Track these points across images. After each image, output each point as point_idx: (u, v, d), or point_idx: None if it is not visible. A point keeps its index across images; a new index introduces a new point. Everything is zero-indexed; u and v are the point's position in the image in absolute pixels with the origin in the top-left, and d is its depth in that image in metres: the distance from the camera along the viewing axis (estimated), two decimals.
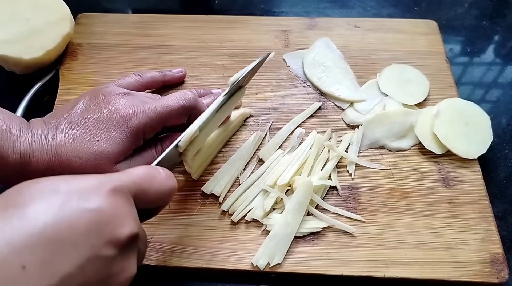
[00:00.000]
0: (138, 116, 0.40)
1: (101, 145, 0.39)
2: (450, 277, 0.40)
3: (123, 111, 0.40)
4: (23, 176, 0.38)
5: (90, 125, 0.40)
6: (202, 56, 0.56)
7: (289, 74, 0.55)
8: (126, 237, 0.29)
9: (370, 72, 0.55)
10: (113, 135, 0.40)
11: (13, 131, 0.38)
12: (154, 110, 0.41)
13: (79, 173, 0.38)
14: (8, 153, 0.37)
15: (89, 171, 0.39)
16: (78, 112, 0.41)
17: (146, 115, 0.41)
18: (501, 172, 0.49)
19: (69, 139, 0.39)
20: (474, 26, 0.64)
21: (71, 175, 0.31)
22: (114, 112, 0.40)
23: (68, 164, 0.39)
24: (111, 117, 0.40)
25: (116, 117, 0.40)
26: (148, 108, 0.41)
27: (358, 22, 0.60)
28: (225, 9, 0.66)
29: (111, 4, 0.68)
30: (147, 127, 0.41)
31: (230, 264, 0.40)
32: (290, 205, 0.42)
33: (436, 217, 0.43)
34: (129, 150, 0.41)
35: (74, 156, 0.39)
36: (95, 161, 0.39)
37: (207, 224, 0.43)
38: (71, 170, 0.39)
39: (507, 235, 0.44)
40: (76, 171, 0.39)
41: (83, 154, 0.39)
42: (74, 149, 0.39)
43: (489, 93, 0.57)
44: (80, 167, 0.39)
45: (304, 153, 0.46)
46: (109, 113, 0.40)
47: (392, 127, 0.49)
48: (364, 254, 0.41)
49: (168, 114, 0.41)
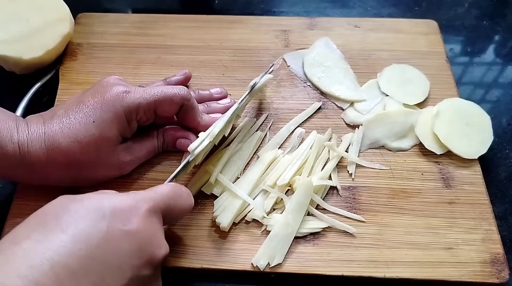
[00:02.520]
0: (132, 95, 0.40)
1: (97, 126, 0.39)
2: (451, 277, 0.40)
3: (117, 90, 0.40)
4: (24, 167, 0.38)
5: (84, 108, 0.39)
6: (202, 56, 0.56)
7: (289, 74, 0.55)
8: (161, 257, 0.32)
9: (370, 72, 0.55)
10: (108, 116, 0.39)
11: (9, 122, 0.38)
12: (149, 92, 0.41)
13: (82, 161, 0.39)
14: (6, 143, 0.37)
15: (91, 157, 0.39)
16: (73, 100, 0.41)
17: (141, 96, 0.41)
18: (502, 172, 0.49)
19: (65, 125, 0.39)
20: (474, 26, 0.64)
21: (109, 192, 0.32)
22: (108, 93, 0.40)
23: (69, 151, 0.38)
24: (105, 98, 0.40)
25: (109, 96, 0.40)
26: (143, 90, 0.41)
27: (358, 22, 0.60)
28: (225, 9, 0.66)
29: (111, 4, 0.68)
30: (141, 108, 0.41)
31: (230, 264, 0.40)
32: (290, 205, 0.42)
33: (436, 217, 0.43)
34: (126, 130, 0.41)
35: (73, 141, 0.38)
36: (95, 145, 0.39)
37: (207, 224, 0.43)
38: (74, 158, 0.39)
39: (507, 235, 0.44)
40: (78, 158, 0.39)
41: (81, 137, 0.38)
42: (71, 134, 0.38)
43: (489, 93, 0.57)
44: (82, 153, 0.39)
45: (304, 153, 0.46)
46: (103, 95, 0.40)
47: (393, 127, 0.49)
48: (365, 255, 0.41)
49: (163, 99, 0.41)
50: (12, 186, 0.47)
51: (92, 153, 0.39)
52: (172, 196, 0.35)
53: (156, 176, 0.46)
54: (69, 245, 0.27)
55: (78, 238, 0.28)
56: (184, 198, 0.36)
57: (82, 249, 0.27)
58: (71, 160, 0.39)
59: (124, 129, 0.41)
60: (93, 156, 0.39)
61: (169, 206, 0.34)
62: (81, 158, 0.39)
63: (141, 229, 0.30)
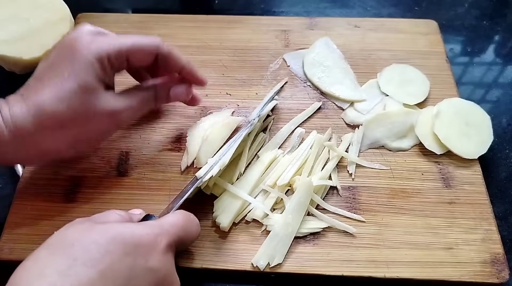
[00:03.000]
0: (100, 41, 0.38)
1: (72, 78, 0.37)
2: (451, 277, 0.40)
3: (84, 38, 0.38)
4: (15, 145, 0.37)
5: (55, 68, 0.37)
6: (202, 56, 0.56)
7: (289, 74, 0.55)
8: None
9: (370, 72, 0.55)
10: (79, 66, 0.37)
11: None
12: (119, 40, 0.39)
13: (70, 118, 0.37)
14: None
15: (78, 111, 0.37)
16: (43, 65, 0.39)
17: (109, 43, 0.38)
18: (502, 172, 0.49)
19: (40, 87, 0.37)
20: (474, 26, 0.64)
21: (123, 223, 0.34)
22: (74, 44, 0.38)
23: (54, 113, 0.37)
24: (72, 49, 0.38)
25: (77, 46, 0.37)
26: (114, 37, 0.40)
27: (358, 22, 0.60)
28: (225, 9, 0.66)
29: (111, 4, 0.68)
30: (111, 55, 0.38)
31: (230, 264, 0.40)
32: (290, 205, 0.42)
33: (436, 217, 0.43)
34: (103, 76, 0.39)
35: (55, 101, 0.36)
36: (77, 96, 0.37)
37: (207, 224, 0.43)
38: (61, 117, 0.37)
39: (507, 235, 0.44)
40: (66, 116, 0.37)
41: (61, 94, 0.36)
42: (51, 95, 0.36)
43: (489, 93, 0.57)
44: (68, 109, 0.37)
45: (304, 153, 0.46)
46: (70, 47, 0.38)
47: (393, 127, 0.49)
48: (365, 254, 0.41)
49: (132, 48, 0.40)
50: (12, 186, 0.47)
51: (78, 106, 0.37)
52: (184, 227, 0.36)
53: (156, 176, 0.46)
54: (97, 282, 0.28)
55: (105, 274, 0.28)
56: (194, 227, 0.37)
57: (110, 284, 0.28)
58: (60, 121, 0.37)
59: (100, 75, 0.38)
60: (79, 109, 0.37)
61: (181, 237, 0.35)
62: (68, 115, 0.37)
63: (160, 266, 0.31)
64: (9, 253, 0.41)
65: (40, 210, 0.43)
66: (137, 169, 0.46)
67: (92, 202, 0.44)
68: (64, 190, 0.45)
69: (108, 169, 0.46)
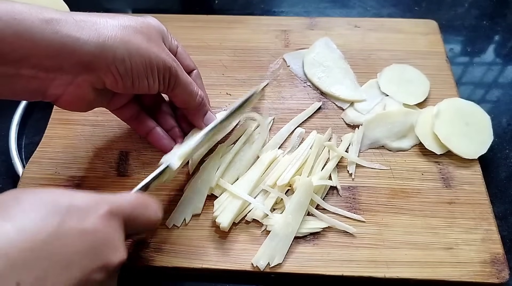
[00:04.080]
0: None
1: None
2: (451, 277, 0.40)
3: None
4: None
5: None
6: (202, 56, 0.56)
7: (289, 74, 0.55)
8: (117, 264, 0.29)
9: (370, 72, 0.55)
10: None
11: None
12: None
13: None
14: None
15: None
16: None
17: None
18: (502, 172, 0.49)
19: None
20: (474, 26, 0.64)
21: (69, 191, 0.30)
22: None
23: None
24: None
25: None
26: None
27: (358, 22, 0.60)
28: (225, 9, 0.66)
29: (111, 4, 0.68)
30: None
31: (230, 264, 0.40)
32: (290, 205, 0.42)
33: (436, 217, 0.43)
34: None
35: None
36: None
37: (207, 224, 0.43)
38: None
39: (507, 235, 0.44)
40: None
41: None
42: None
43: (489, 93, 0.57)
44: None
45: (304, 153, 0.46)
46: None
47: (393, 127, 0.49)
48: (365, 254, 0.41)
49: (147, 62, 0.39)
50: (12, 186, 0.47)
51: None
52: (138, 206, 0.33)
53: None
54: (12, 235, 0.25)
55: (24, 229, 0.26)
56: (151, 209, 0.34)
57: (27, 242, 0.25)
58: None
59: None
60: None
61: (132, 214, 0.32)
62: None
63: (97, 229, 0.28)
64: None
65: None
66: (137, 169, 0.46)
67: None
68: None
69: (108, 169, 0.46)
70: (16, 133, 0.51)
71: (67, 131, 0.49)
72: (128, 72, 0.38)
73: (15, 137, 0.50)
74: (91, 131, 0.49)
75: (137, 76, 0.39)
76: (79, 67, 0.36)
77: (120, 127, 0.49)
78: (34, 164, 0.47)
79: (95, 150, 0.48)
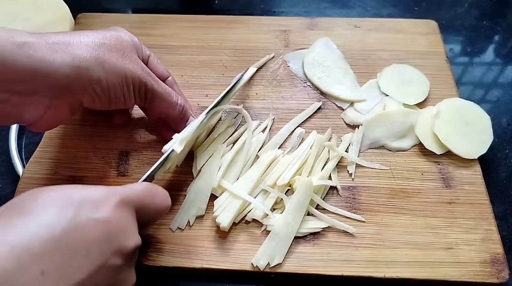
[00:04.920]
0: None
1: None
2: (451, 277, 0.40)
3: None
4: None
5: None
6: (202, 56, 0.56)
7: (289, 74, 0.55)
8: (132, 248, 0.31)
9: (370, 72, 0.55)
10: None
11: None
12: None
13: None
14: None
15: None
16: None
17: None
18: (502, 172, 0.49)
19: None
20: (474, 26, 0.64)
21: (82, 185, 0.32)
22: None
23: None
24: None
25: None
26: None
27: (358, 22, 0.60)
28: (225, 9, 0.66)
29: (111, 4, 0.68)
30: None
31: (230, 264, 0.40)
32: (290, 205, 0.42)
33: (436, 217, 0.43)
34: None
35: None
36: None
37: (207, 224, 0.43)
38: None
39: (507, 235, 0.44)
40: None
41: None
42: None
43: (489, 93, 0.57)
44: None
45: (304, 153, 0.46)
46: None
47: (393, 127, 0.49)
48: (365, 254, 0.41)
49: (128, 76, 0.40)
50: (12, 186, 0.47)
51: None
52: (147, 194, 0.34)
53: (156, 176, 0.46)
54: (32, 229, 0.27)
55: (42, 222, 0.27)
56: (160, 197, 0.36)
57: (46, 234, 0.27)
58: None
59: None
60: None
61: (143, 203, 0.34)
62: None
63: (111, 218, 0.30)
64: None
65: None
66: (137, 169, 0.46)
67: None
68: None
69: (108, 169, 0.46)
70: (16, 133, 0.51)
71: (67, 131, 0.49)
72: (105, 92, 0.39)
73: (15, 137, 0.50)
74: (91, 131, 0.49)
75: (114, 94, 0.39)
76: (55, 90, 0.36)
77: (120, 127, 0.49)
78: (34, 164, 0.47)
79: (95, 150, 0.48)
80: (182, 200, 0.44)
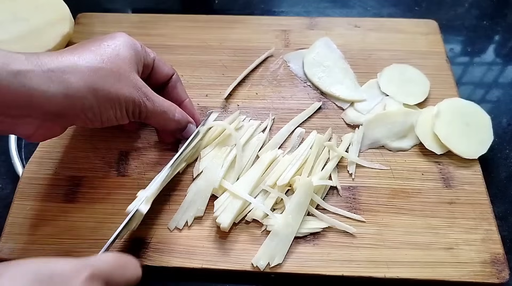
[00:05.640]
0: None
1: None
2: (451, 277, 0.40)
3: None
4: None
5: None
6: (202, 56, 0.56)
7: (289, 74, 0.55)
8: None
9: (370, 72, 0.55)
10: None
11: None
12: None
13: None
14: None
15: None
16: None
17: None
18: (502, 172, 0.49)
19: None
20: (474, 26, 0.64)
21: (50, 258, 0.31)
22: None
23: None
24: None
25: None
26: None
27: (358, 22, 0.60)
28: (225, 9, 0.66)
29: (111, 4, 0.68)
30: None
31: (230, 264, 0.40)
32: (291, 205, 0.42)
33: (436, 217, 0.43)
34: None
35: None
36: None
37: (207, 224, 0.43)
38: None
39: (507, 235, 0.44)
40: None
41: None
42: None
43: (489, 93, 0.57)
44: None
45: (304, 153, 0.46)
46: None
47: (393, 127, 0.49)
48: (365, 255, 0.41)
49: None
50: (12, 186, 0.47)
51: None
52: (117, 266, 0.34)
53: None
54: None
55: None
56: (130, 269, 0.35)
57: None
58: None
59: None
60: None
61: (113, 275, 0.33)
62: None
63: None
64: (9, 253, 0.41)
65: (40, 210, 0.43)
66: (137, 169, 0.46)
67: (92, 202, 0.44)
68: (64, 190, 0.45)
69: (108, 169, 0.46)
70: None
71: (67, 131, 0.49)
72: (96, 116, 0.39)
73: (15, 137, 0.50)
74: (91, 131, 0.49)
75: (106, 118, 0.40)
76: (48, 115, 0.37)
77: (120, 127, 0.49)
78: (34, 164, 0.47)
79: (95, 150, 0.48)
80: (181, 200, 0.44)
